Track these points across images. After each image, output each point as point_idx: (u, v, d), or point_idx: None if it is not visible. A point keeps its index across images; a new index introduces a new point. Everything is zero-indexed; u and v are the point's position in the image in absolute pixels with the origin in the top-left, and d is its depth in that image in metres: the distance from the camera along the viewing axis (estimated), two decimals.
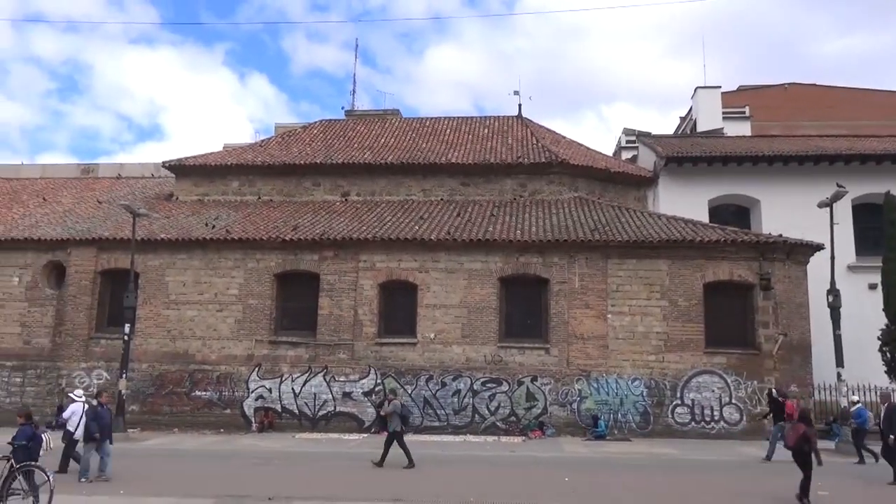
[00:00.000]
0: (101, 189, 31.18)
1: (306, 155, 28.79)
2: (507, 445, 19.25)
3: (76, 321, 23.71)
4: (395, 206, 26.20)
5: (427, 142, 29.85)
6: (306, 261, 23.29)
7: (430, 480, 13.65)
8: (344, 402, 22.11)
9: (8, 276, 24.60)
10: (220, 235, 23.62)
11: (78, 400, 14.33)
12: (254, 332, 22.99)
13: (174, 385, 22.82)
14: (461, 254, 22.65)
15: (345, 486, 12.94)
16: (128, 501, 11.23)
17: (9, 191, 31.43)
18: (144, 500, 11.29)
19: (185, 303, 23.37)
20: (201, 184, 28.22)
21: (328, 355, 22.50)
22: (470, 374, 21.88)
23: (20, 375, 23.59)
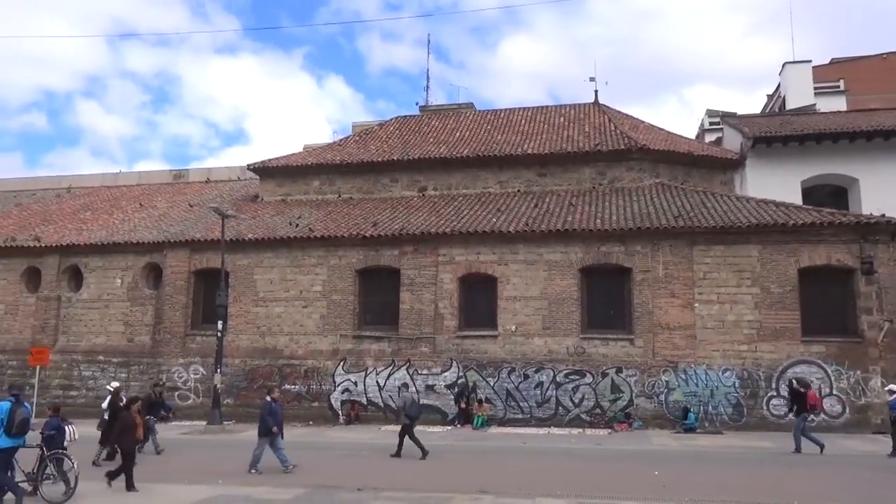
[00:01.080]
0: (191, 193, 32.71)
1: (383, 152, 29.18)
2: (593, 438, 18.95)
3: (173, 319, 24.98)
4: (472, 199, 26.20)
5: (502, 133, 29.66)
6: (386, 256, 23.65)
7: (515, 473, 13.60)
8: (427, 395, 22.33)
9: (111, 277, 26.17)
10: (303, 234, 24.30)
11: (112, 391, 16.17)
12: (338, 327, 23.55)
13: (265, 379, 23.67)
14: (540, 245, 22.42)
15: (431, 477, 13.06)
16: (223, 490, 11.73)
17: (109, 198, 33.44)
18: (239, 489, 11.75)
19: (272, 300, 24.20)
20: (284, 184, 29.10)
21: (410, 349, 22.78)
22: (552, 366, 21.65)
23: (125, 371, 25.08)
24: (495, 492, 11.36)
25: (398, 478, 12.98)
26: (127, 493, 11.49)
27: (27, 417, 10.56)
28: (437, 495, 11.19)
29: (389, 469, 14.23)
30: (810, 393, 16.75)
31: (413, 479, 12.86)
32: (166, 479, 12.56)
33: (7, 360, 26.35)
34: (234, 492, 11.59)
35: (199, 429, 21.12)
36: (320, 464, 14.82)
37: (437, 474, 13.47)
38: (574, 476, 13.12)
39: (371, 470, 13.99)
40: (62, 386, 25.49)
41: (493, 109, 33.61)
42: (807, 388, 16.93)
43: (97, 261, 26.41)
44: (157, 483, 12.21)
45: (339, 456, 15.90)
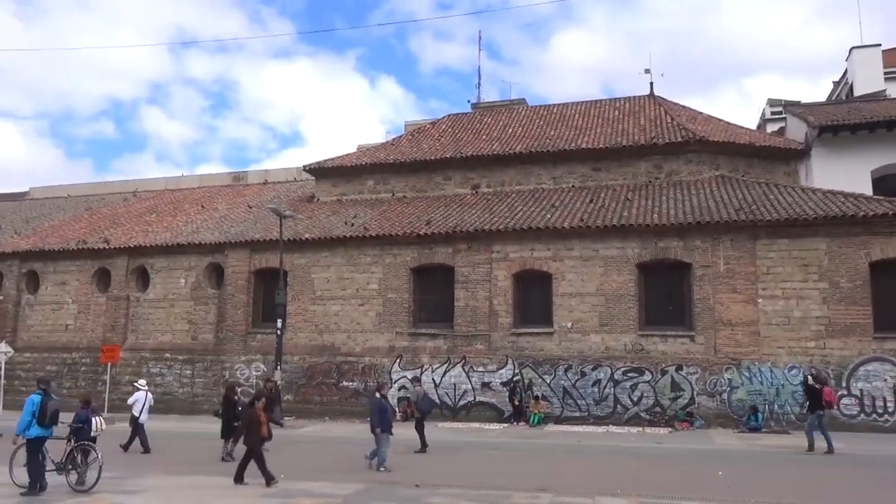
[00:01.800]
0: (250, 195, 33.53)
1: (436, 150, 29.28)
2: (653, 437, 18.60)
3: (235, 318, 25.69)
4: (526, 195, 26.03)
5: (555, 129, 29.37)
6: (441, 254, 23.73)
7: (574, 471, 13.47)
8: (483, 392, 22.34)
9: (176, 278, 27.09)
10: (358, 233, 24.62)
11: (142, 389, 17.04)
12: (394, 324, 23.78)
13: (323, 376, 24.12)
14: (596, 241, 22.11)
15: (488, 474, 13.06)
16: (284, 485, 11.98)
17: (172, 201, 34.59)
18: (303, 485, 11.99)
19: (329, 298, 24.62)
20: (339, 184, 29.53)
21: (466, 346, 22.82)
22: (610, 364, 21.34)
23: (190, 368, 25.93)
24: (554, 490, 11.27)
25: (455, 474, 13.02)
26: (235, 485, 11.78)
27: (57, 409, 11.30)
28: (495, 493, 11.17)
29: (446, 465, 14.28)
30: (826, 389, 16.25)
31: (470, 476, 12.88)
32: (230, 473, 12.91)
33: (80, 357, 27.59)
34: (294, 486, 11.84)
35: None
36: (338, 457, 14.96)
37: (494, 472, 13.46)
38: (634, 475, 12.90)
39: (427, 466, 14.07)
40: (132, 382, 26.45)
41: (546, 104, 33.28)
42: (823, 384, 16.42)
43: (162, 261, 27.38)
44: (215, 476, 12.57)
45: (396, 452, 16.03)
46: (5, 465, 11.75)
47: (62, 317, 28.51)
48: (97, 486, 11.28)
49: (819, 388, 16.10)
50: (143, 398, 16.63)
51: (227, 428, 15.14)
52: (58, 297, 28.76)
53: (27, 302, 29.28)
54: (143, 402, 16.51)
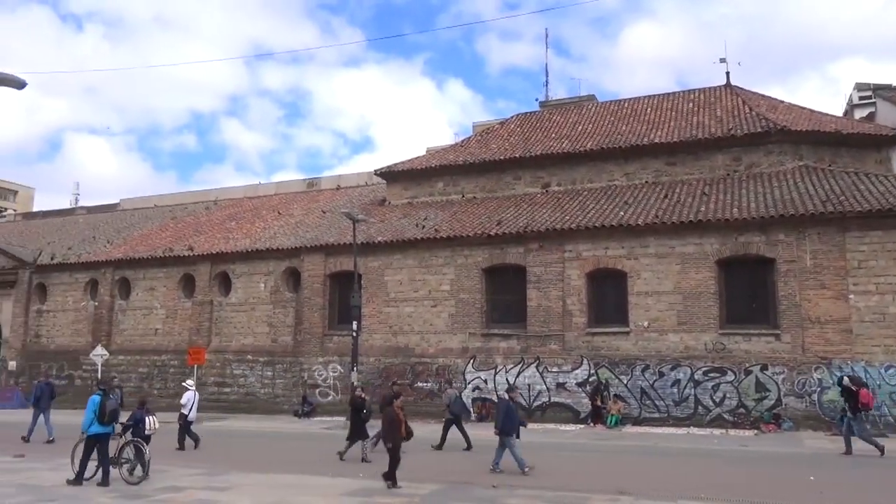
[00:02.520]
0: (324, 200, 34.35)
1: (505, 150, 29.18)
2: (737, 439, 17.92)
3: (312, 320, 26.36)
4: (598, 192, 25.59)
5: (627, 124, 28.75)
6: (512, 254, 23.64)
7: (655, 473, 13.13)
8: (558, 393, 22.10)
9: (256, 282, 28.05)
10: (430, 235, 24.82)
11: (190, 388, 17.75)
12: (466, 325, 23.84)
13: (398, 377, 24.35)
14: (672, 237, 21.52)
15: (565, 476, 12.89)
16: (364, 483, 12.19)
17: (251, 208, 35.83)
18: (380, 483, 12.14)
19: (402, 300, 24.92)
20: (410, 187, 29.84)
21: (539, 346, 22.64)
22: (689, 363, 20.71)
23: (270, 369, 26.79)
24: (634, 493, 11.02)
25: (532, 476, 12.92)
26: (387, 486, 11.57)
27: (116, 409, 12.18)
28: (573, 494, 11.02)
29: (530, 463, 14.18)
30: (863, 391, 15.66)
31: (548, 477, 12.75)
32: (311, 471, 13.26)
33: (169, 359, 28.95)
34: (374, 485, 12.02)
35: (339, 424, 22.09)
36: (453, 459, 15.05)
37: (572, 473, 13.28)
38: (718, 479, 12.47)
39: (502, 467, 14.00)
40: (217, 383, 27.61)
41: (617, 100, 32.60)
42: (860, 385, 15.83)
43: (243, 267, 28.41)
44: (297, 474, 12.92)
45: (472, 452, 16.06)
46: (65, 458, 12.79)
47: (152, 321, 29.99)
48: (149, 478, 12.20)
49: (856, 390, 15.63)
50: (191, 398, 17.49)
51: (355, 429, 15.01)
52: (147, 303, 30.28)
53: (120, 307, 30.95)
54: (192, 402, 17.42)
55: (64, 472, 12.68)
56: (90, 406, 12.08)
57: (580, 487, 11.57)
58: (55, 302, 32.60)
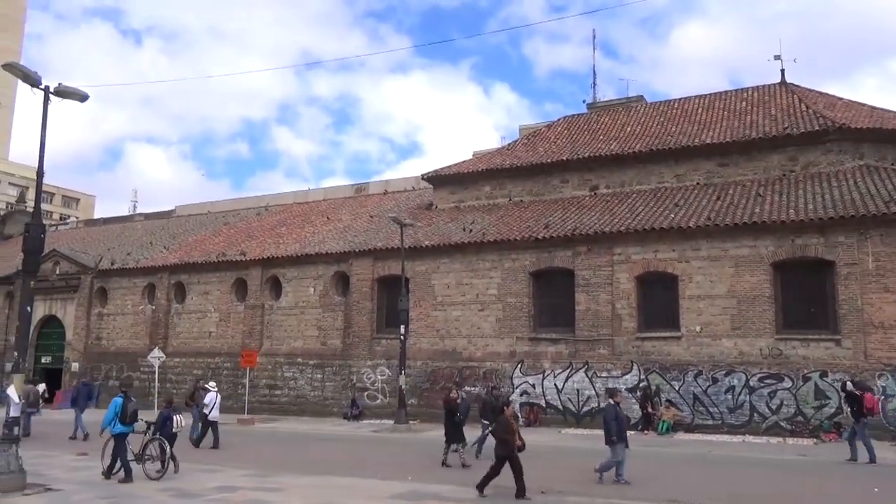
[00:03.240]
0: (371, 205, 34.71)
1: (552, 153, 28.98)
2: (796, 448, 17.34)
3: (360, 324, 26.64)
4: (647, 195, 25.17)
5: (677, 125, 28.20)
6: (560, 257, 23.44)
7: (709, 482, 12.82)
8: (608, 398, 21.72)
9: (305, 286, 28.52)
10: (476, 239, 24.81)
11: (212, 390, 18.43)
12: (514, 329, 23.73)
13: (446, 380, 24.39)
14: (725, 240, 21.00)
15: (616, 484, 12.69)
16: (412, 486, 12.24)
17: (300, 213, 36.46)
18: (431, 487, 12.19)
19: (450, 304, 24.96)
20: (456, 191, 29.90)
21: (588, 351, 22.37)
22: (744, 370, 20.15)
23: (320, 372, 27.17)
24: (687, 502, 10.77)
25: (582, 483, 12.76)
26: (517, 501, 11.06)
27: (136, 410, 13.00)
28: (623, 503, 10.84)
29: (572, 473, 14.02)
30: (868, 395, 15.50)
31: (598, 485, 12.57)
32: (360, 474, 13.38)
33: (222, 362, 29.66)
34: (422, 488, 12.06)
35: (387, 427, 22.30)
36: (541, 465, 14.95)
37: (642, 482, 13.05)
38: (775, 488, 12.09)
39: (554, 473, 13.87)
40: (268, 385, 28.15)
41: (666, 100, 32.00)
42: (864, 390, 15.65)
43: (293, 271, 28.91)
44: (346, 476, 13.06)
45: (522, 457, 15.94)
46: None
47: (206, 324, 30.78)
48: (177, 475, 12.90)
49: (860, 394, 15.40)
50: (213, 399, 18.11)
51: (451, 433, 14.36)
52: (202, 307, 31.09)
53: (176, 311, 31.86)
54: (213, 403, 18.02)
55: None
56: (112, 407, 12.88)
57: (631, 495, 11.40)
58: (115, 305, 33.78)
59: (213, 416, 17.88)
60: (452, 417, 14.33)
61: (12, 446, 11.74)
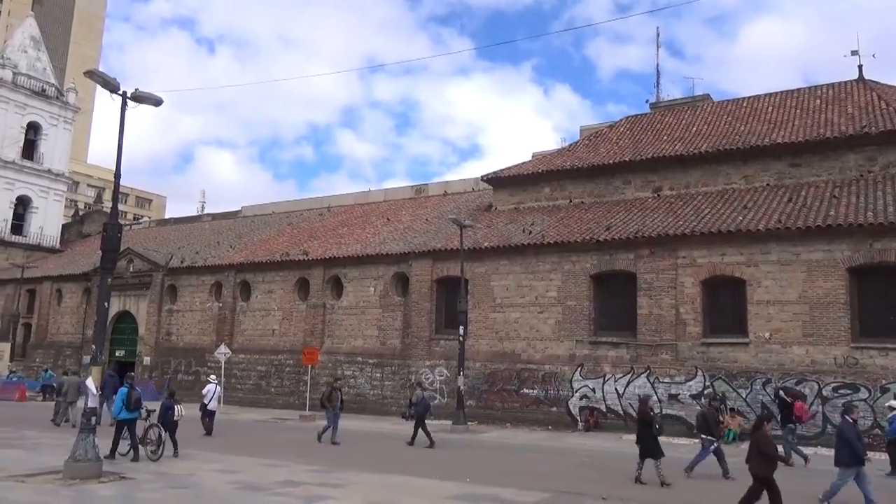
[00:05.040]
0: (431, 206, 34.90)
1: (614, 154, 28.48)
2: (874, 463, 16.45)
3: (419, 324, 26.81)
4: (713, 196, 24.45)
5: (745, 124, 27.28)
6: (621, 260, 23.01)
7: None
8: (671, 405, 21.26)
9: (366, 286, 28.89)
10: (536, 240, 24.62)
11: (212, 382, 20.17)
12: (574, 332, 23.43)
13: (504, 383, 24.36)
14: (796, 243, 20.19)
15: (678, 493, 12.37)
16: (471, 489, 12.22)
17: (361, 214, 36.98)
18: (486, 489, 12.16)
19: (509, 306, 24.84)
20: (516, 193, 29.74)
21: (650, 356, 21.88)
22: (816, 378, 19.33)
23: (379, 371, 27.47)
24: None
25: (646, 490, 12.50)
26: None
27: (139, 398, 14.66)
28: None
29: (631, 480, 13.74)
30: (798, 403, 16.45)
31: (660, 493, 12.28)
32: (419, 473, 13.46)
33: (285, 359, 30.34)
34: (480, 490, 12.04)
35: (445, 428, 22.31)
36: (563, 469, 14.81)
37: (687, 491, 12.71)
38: None
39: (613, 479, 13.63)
40: (329, 383, 28.55)
41: (735, 98, 31.00)
42: (795, 397, 16.64)
43: (354, 271, 29.34)
44: (410, 476, 13.15)
45: (582, 463, 15.75)
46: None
47: (269, 322, 31.57)
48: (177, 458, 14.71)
49: (791, 401, 16.34)
50: (212, 390, 19.83)
51: (647, 447, 13.05)
52: (265, 305, 31.90)
53: (241, 309, 32.79)
54: (212, 394, 19.71)
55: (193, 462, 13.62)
56: (119, 396, 14.70)
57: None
58: (184, 302, 35.02)
59: (211, 406, 19.57)
60: (649, 429, 13.21)
61: (90, 435, 12.32)
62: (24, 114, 49.06)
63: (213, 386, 20.04)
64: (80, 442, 12.19)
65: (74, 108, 52.65)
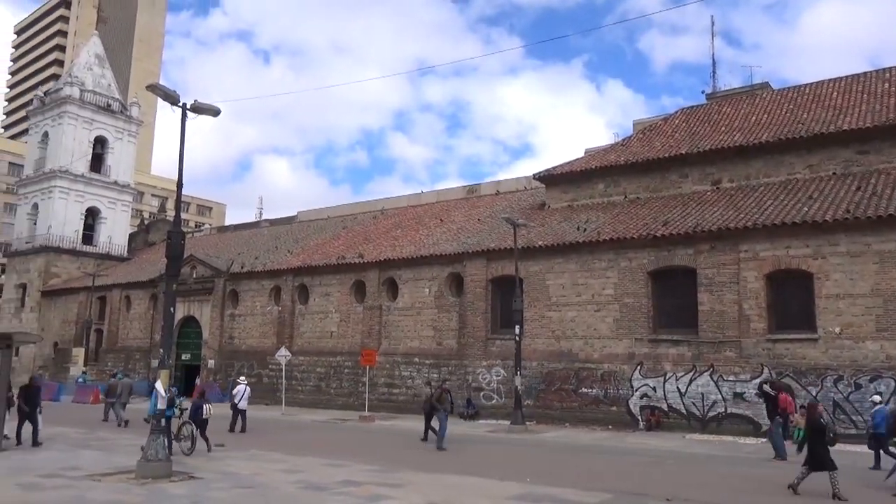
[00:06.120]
0: (483, 206, 34.84)
1: (669, 147, 27.83)
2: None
3: (475, 324, 26.79)
4: (776, 187, 23.63)
5: (808, 111, 26.27)
6: (680, 256, 22.49)
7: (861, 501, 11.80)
8: (735, 403, 20.64)
9: (421, 287, 29.05)
10: (591, 238, 24.28)
11: (241, 384, 21.38)
12: (632, 330, 23.01)
13: (561, 382, 24.11)
14: (867, 233, 19.33)
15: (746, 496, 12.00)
16: (531, 489, 12.13)
17: (414, 216, 37.21)
18: (546, 490, 12.04)
19: (565, 304, 24.58)
20: (569, 190, 29.40)
21: (713, 353, 21.30)
22: (893, 375, 18.45)
23: (436, 371, 27.56)
24: None
25: (711, 491, 12.17)
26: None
27: (172, 397, 15.31)
28: None
29: (698, 480, 13.40)
30: (782, 395, 16.74)
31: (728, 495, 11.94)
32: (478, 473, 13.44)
33: (343, 361, 30.79)
34: (539, 491, 11.94)
35: (503, 428, 22.26)
36: (625, 470, 14.56)
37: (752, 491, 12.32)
38: None
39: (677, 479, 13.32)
40: (386, 384, 28.91)
41: (796, 86, 29.89)
42: (779, 390, 16.85)
43: (408, 273, 29.54)
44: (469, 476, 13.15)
45: (643, 463, 15.45)
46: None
47: (327, 324, 32.09)
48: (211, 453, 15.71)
49: (774, 394, 16.57)
50: (242, 391, 21.06)
51: (817, 456, 11.70)
52: (323, 307, 32.44)
53: (300, 312, 33.43)
54: (241, 394, 20.98)
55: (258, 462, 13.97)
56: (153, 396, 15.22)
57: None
58: (245, 307, 35.93)
59: (241, 406, 20.88)
60: (820, 437, 11.91)
61: (160, 436, 12.77)
62: (92, 129, 51.29)
63: (242, 387, 21.34)
64: (152, 443, 12.65)
65: (138, 122, 54.74)
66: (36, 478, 12.40)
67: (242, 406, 21.00)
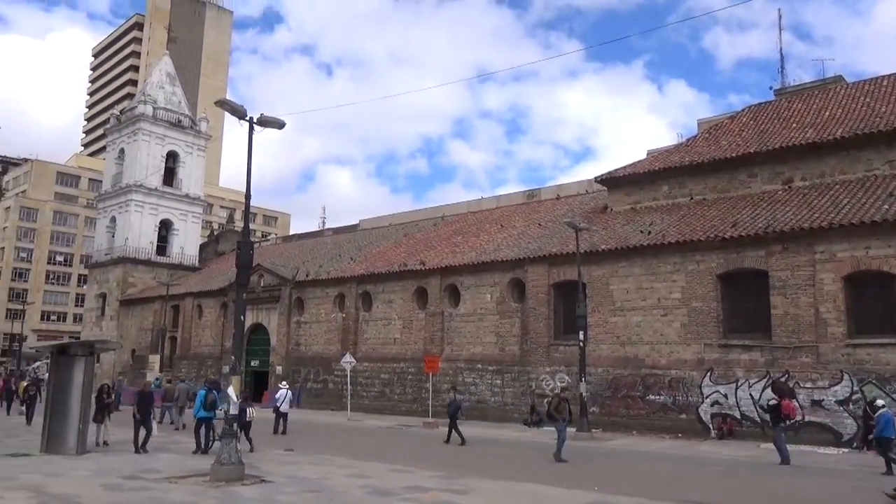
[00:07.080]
0: (544, 211, 34.55)
1: (737, 146, 26.95)
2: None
3: (537, 330, 26.57)
4: (853, 185, 22.57)
5: (887, 104, 24.97)
6: (750, 258, 21.73)
7: None
8: (814, 412, 19.76)
9: (482, 293, 29.02)
10: (656, 241, 23.74)
11: (283, 388, 23.08)
12: (701, 335, 22.36)
13: (628, 389, 23.62)
14: None
15: None
16: (602, 498, 11.92)
17: (474, 222, 37.22)
18: (616, 498, 11.81)
19: (630, 309, 24.10)
20: (632, 192, 28.83)
21: (788, 359, 20.47)
22: None
23: (499, 378, 27.47)
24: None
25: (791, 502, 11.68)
26: None
27: (215, 399, 16.88)
28: None
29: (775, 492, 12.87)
30: (784, 402, 16.56)
31: None
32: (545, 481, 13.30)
33: (406, 367, 31.03)
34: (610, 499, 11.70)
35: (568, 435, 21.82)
36: (697, 479, 14.14)
37: None
38: None
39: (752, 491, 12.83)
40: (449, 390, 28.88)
41: (872, 78, 28.49)
42: (782, 396, 16.74)
43: (470, 279, 29.56)
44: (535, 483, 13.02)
45: (716, 472, 14.96)
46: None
47: (391, 331, 32.42)
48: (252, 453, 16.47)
49: (777, 402, 16.44)
50: (283, 395, 22.55)
51: None
52: (386, 314, 32.79)
53: (363, 318, 33.91)
54: (283, 398, 22.38)
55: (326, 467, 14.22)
56: (198, 398, 17.19)
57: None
58: (310, 314, 36.69)
59: (283, 409, 22.10)
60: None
61: (233, 440, 13.16)
62: (164, 144, 53.55)
63: (284, 391, 22.76)
64: (225, 447, 13.04)
65: (207, 136, 56.83)
66: (118, 479, 12.98)
67: (284, 409, 22.16)
